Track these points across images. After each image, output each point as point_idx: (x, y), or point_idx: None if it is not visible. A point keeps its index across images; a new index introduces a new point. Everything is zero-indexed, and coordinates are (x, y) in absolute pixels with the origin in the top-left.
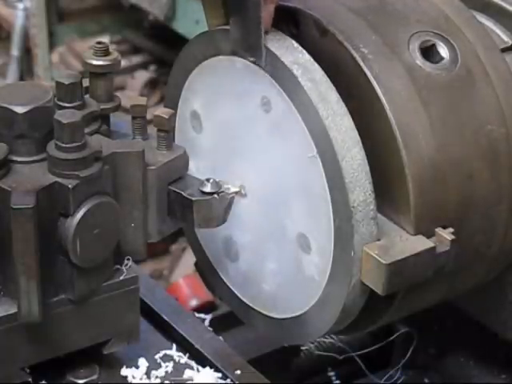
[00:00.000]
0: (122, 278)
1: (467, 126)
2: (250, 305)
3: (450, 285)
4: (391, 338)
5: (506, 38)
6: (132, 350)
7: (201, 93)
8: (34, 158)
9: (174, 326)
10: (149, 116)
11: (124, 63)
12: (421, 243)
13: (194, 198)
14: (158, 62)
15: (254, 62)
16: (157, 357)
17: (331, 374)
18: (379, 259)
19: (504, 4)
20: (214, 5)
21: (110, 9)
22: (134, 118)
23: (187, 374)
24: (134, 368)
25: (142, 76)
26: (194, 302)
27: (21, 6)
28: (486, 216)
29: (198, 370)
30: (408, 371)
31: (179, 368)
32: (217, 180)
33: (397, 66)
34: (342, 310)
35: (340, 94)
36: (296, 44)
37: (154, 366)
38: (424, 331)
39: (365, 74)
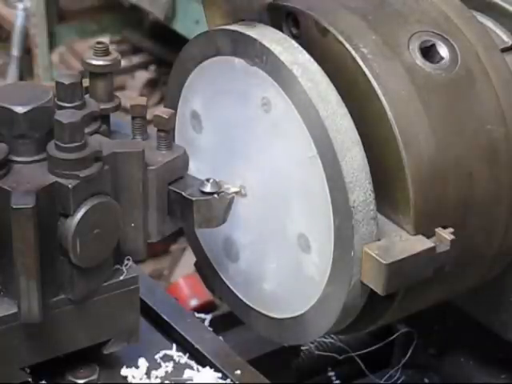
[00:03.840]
0: (121, 277)
1: (467, 125)
2: (250, 305)
3: (450, 285)
4: (391, 338)
5: (506, 38)
6: (132, 350)
7: (201, 93)
8: (34, 157)
9: (174, 326)
10: (149, 116)
11: (124, 63)
12: (421, 243)
13: (194, 198)
14: (158, 61)
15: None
16: (157, 357)
17: (331, 374)
18: (379, 259)
19: (504, 4)
20: (213, 5)
21: (110, 9)
22: (133, 118)
23: (187, 373)
24: (133, 368)
25: (142, 76)
26: (193, 302)
27: (21, 6)
28: (486, 216)
29: (198, 370)
30: (408, 371)
31: (179, 368)
32: (217, 180)
33: (397, 66)
34: (342, 310)
35: (340, 94)
36: (296, 44)
37: (154, 365)
38: (424, 331)
39: (365, 73)
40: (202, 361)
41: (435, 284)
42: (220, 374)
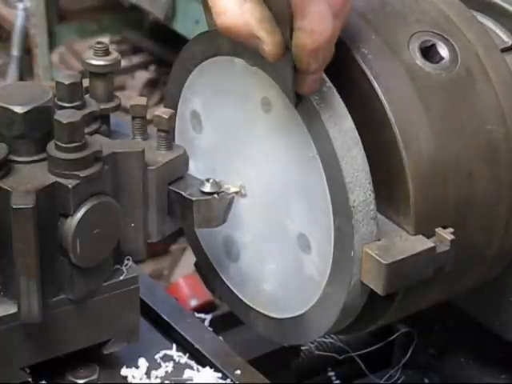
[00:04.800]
0: (121, 278)
1: (467, 125)
2: (250, 305)
3: (449, 285)
4: (391, 338)
5: (506, 38)
6: (132, 350)
7: (201, 93)
8: (34, 158)
9: (174, 326)
10: (149, 116)
11: (124, 63)
12: (421, 243)
13: (194, 198)
14: (158, 61)
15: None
16: (157, 357)
17: (331, 374)
18: (379, 259)
19: (504, 4)
20: None
21: (110, 9)
22: (133, 118)
23: (187, 373)
24: (133, 368)
25: (142, 76)
26: (193, 302)
27: (21, 5)
28: (486, 216)
29: (198, 370)
30: (408, 371)
31: (179, 368)
32: (217, 180)
33: (397, 66)
34: (342, 309)
35: (340, 94)
36: None
37: (154, 365)
38: (424, 331)
39: (365, 73)
40: (202, 361)
41: (435, 284)
42: (220, 374)
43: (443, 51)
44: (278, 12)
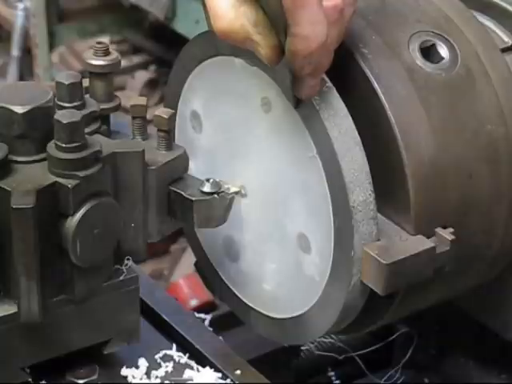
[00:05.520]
0: (121, 278)
1: (467, 125)
2: (250, 305)
3: (450, 285)
4: (391, 338)
5: (506, 38)
6: (132, 350)
7: (201, 93)
8: (34, 157)
9: (174, 326)
10: (149, 116)
11: (124, 63)
12: (421, 243)
13: (194, 198)
14: (158, 61)
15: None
16: (157, 357)
17: (331, 374)
18: (379, 259)
19: (504, 4)
20: None
21: (110, 9)
22: (133, 117)
23: (187, 373)
24: (134, 368)
25: (142, 76)
26: (193, 302)
27: (21, 5)
28: (486, 215)
29: (198, 370)
30: (408, 371)
31: (179, 368)
32: (217, 180)
33: (397, 66)
34: (342, 309)
35: (340, 94)
36: None
37: (154, 365)
38: (424, 331)
39: (365, 73)
40: (202, 361)
41: (435, 284)
42: (220, 374)
43: (443, 51)
44: (274, 16)
